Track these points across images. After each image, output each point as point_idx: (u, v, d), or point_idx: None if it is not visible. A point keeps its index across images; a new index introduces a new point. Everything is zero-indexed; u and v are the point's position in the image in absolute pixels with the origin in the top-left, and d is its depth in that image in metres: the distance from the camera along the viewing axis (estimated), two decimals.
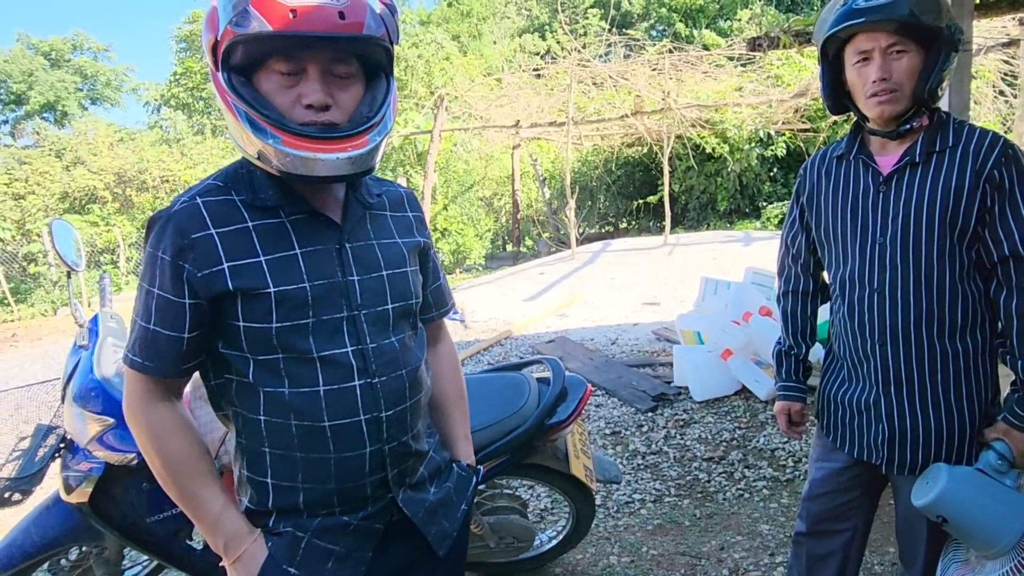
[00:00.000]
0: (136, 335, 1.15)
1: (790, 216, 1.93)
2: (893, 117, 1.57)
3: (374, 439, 1.19)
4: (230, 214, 1.12)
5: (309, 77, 1.07)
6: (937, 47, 1.51)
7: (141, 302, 1.14)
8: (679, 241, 9.69)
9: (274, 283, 1.11)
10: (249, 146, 1.08)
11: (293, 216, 1.15)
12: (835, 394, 1.82)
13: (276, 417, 1.16)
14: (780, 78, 10.68)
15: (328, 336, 1.15)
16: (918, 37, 1.51)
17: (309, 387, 1.14)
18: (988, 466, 1.60)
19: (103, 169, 16.17)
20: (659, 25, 26.89)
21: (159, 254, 1.10)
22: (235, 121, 1.07)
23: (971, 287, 1.61)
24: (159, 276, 1.11)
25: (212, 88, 1.12)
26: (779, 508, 3.03)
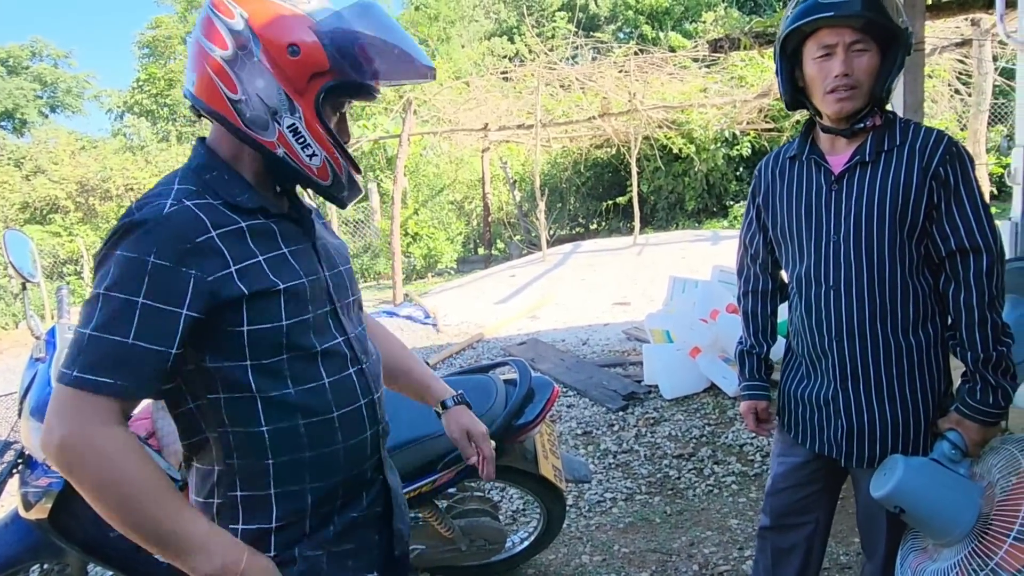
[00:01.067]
0: (100, 350, 1.00)
1: (747, 217, 1.96)
2: (849, 114, 1.61)
3: (371, 422, 1.26)
4: (220, 217, 1.09)
5: (343, 116, 1.22)
6: (895, 48, 1.55)
7: (110, 313, 1.00)
8: (648, 241, 9.78)
9: (280, 280, 1.12)
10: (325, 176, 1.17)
11: (272, 218, 1.17)
12: (794, 391, 1.86)
13: (282, 422, 1.14)
14: (744, 79, 10.85)
15: (323, 330, 1.19)
16: (879, 37, 1.55)
17: (315, 382, 1.16)
18: (942, 456, 1.64)
19: (65, 178, 15.83)
20: (626, 27, 27.11)
21: (148, 259, 1.00)
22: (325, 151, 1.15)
23: (921, 282, 1.65)
24: (147, 284, 1.00)
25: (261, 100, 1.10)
26: (747, 503, 3.08)
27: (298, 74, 1.08)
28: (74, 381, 0.99)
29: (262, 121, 1.10)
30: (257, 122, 1.10)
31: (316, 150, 1.13)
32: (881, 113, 1.64)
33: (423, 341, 6.68)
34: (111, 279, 1.00)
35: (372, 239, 13.32)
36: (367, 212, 13.77)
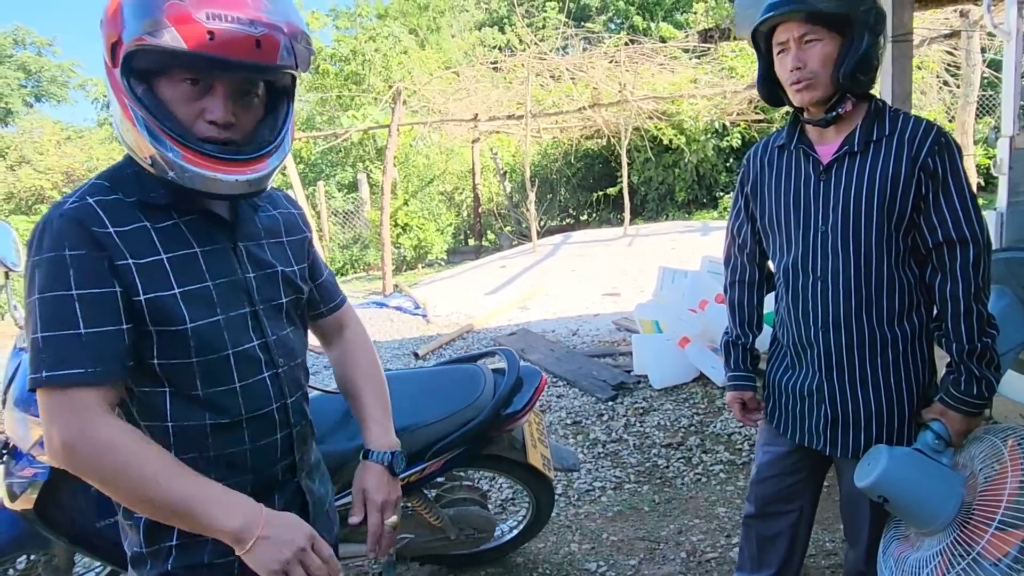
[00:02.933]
0: (58, 349, 1.01)
1: (735, 206, 1.97)
2: (815, 103, 1.62)
3: (283, 425, 1.25)
4: (125, 213, 1.08)
5: (216, 94, 1.07)
6: (851, 32, 1.55)
7: (52, 313, 1.01)
8: (639, 232, 9.79)
9: (179, 284, 1.10)
10: (142, 151, 1.07)
11: (186, 216, 1.14)
12: (779, 381, 1.87)
13: (188, 420, 1.14)
14: (734, 70, 10.86)
15: (238, 332, 1.17)
16: (830, 24, 1.56)
17: (225, 384, 1.15)
18: (926, 446, 1.66)
19: (50, 168, 15.68)
20: (617, 18, 27.02)
21: (65, 253, 1.02)
22: (131, 125, 1.04)
23: (907, 273, 1.66)
24: (74, 276, 1.02)
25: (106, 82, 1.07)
26: (735, 491, 3.10)
27: (105, 46, 1.05)
28: (45, 381, 1.01)
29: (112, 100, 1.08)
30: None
31: (126, 126, 1.05)
32: (858, 100, 1.64)
33: (413, 331, 6.67)
34: (40, 282, 1.03)
35: (362, 230, 13.27)
36: (357, 203, 13.71)
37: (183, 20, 0.98)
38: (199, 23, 0.98)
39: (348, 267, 12.07)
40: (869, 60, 1.57)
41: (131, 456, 1.02)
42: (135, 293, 1.06)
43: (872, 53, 1.57)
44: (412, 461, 2.14)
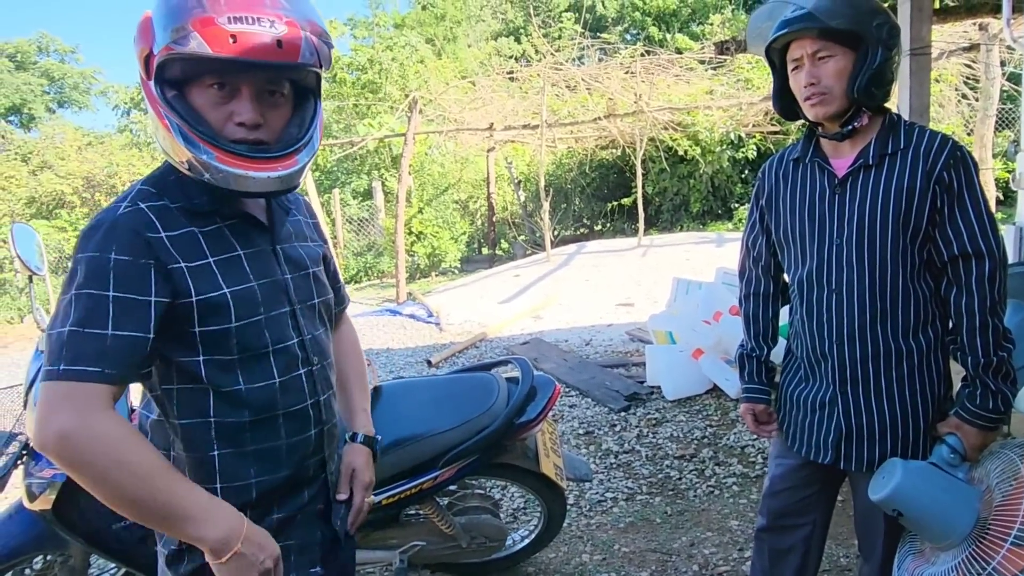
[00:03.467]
0: (82, 344, 1.04)
1: (750, 219, 1.97)
2: (829, 118, 1.63)
3: (316, 422, 1.30)
4: (173, 219, 1.14)
5: (243, 96, 1.12)
6: (864, 47, 1.56)
7: (84, 310, 1.04)
8: (653, 243, 9.78)
9: (227, 284, 1.15)
10: (179, 156, 1.11)
11: (228, 221, 1.20)
12: (792, 393, 1.86)
13: (229, 417, 1.18)
14: (750, 81, 10.84)
15: (278, 329, 1.22)
16: (843, 40, 1.57)
17: (265, 380, 1.20)
18: (941, 460, 1.65)
19: (71, 173, 15.89)
20: (633, 29, 27.09)
21: (111, 256, 1.07)
22: (167, 132, 1.09)
23: (922, 286, 1.66)
24: (113, 279, 1.06)
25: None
26: (748, 504, 3.08)
27: (139, 60, 1.10)
28: (62, 374, 1.03)
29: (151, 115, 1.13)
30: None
31: (162, 133, 1.10)
32: (873, 113, 1.64)
33: (426, 340, 6.69)
34: (80, 279, 1.06)
35: (376, 237, 13.33)
36: (372, 210, 13.79)
37: (206, 25, 1.02)
38: (221, 27, 1.03)
39: (362, 274, 12.13)
40: (883, 74, 1.58)
41: (127, 453, 1.04)
42: (187, 295, 1.11)
43: (886, 67, 1.58)
44: (425, 469, 2.15)
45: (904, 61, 2.81)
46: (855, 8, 1.56)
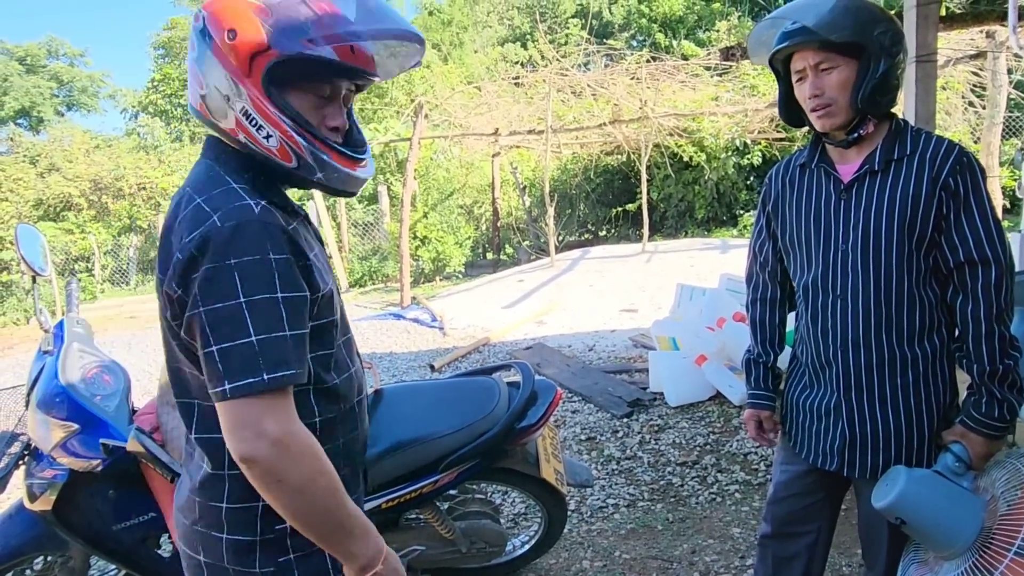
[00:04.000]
0: (274, 350, 1.02)
1: (757, 224, 1.96)
2: (835, 128, 1.63)
3: (364, 414, 1.35)
4: (283, 216, 1.13)
5: (335, 102, 1.18)
6: (867, 57, 1.55)
7: (265, 315, 1.02)
8: (657, 249, 9.76)
9: (322, 281, 1.16)
10: (287, 157, 1.13)
11: (299, 218, 1.21)
12: (797, 399, 1.85)
13: (328, 412, 1.20)
14: (756, 88, 10.83)
15: (343, 328, 1.27)
16: (845, 51, 1.56)
17: (347, 371, 1.25)
18: (946, 468, 1.63)
19: (78, 176, 15.97)
20: (639, 35, 27.13)
21: (269, 256, 1.04)
22: (279, 132, 1.11)
23: (928, 293, 1.64)
24: (278, 279, 1.05)
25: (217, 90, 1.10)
26: (750, 511, 3.06)
27: (239, 57, 1.08)
28: (268, 383, 1.01)
29: (221, 110, 1.11)
30: (218, 111, 1.12)
31: (270, 131, 1.10)
32: (879, 119, 1.63)
33: (429, 344, 6.69)
34: (246, 285, 1.02)
35: (381, 241, 13.35)
36: (376, 215, 13.82)
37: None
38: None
39: (367, 278, 12.14)
40: (887, 82, 1.57)
41: (324, 462, 1.06)
42: (316, 289, 1.13)
43: (890, 75, 1.57)
44: (425, 473, 2.14)
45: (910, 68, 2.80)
46: (855, 19, 1.55)
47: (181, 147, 19.59)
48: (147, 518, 2.13)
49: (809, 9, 1.61)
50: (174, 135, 22.29)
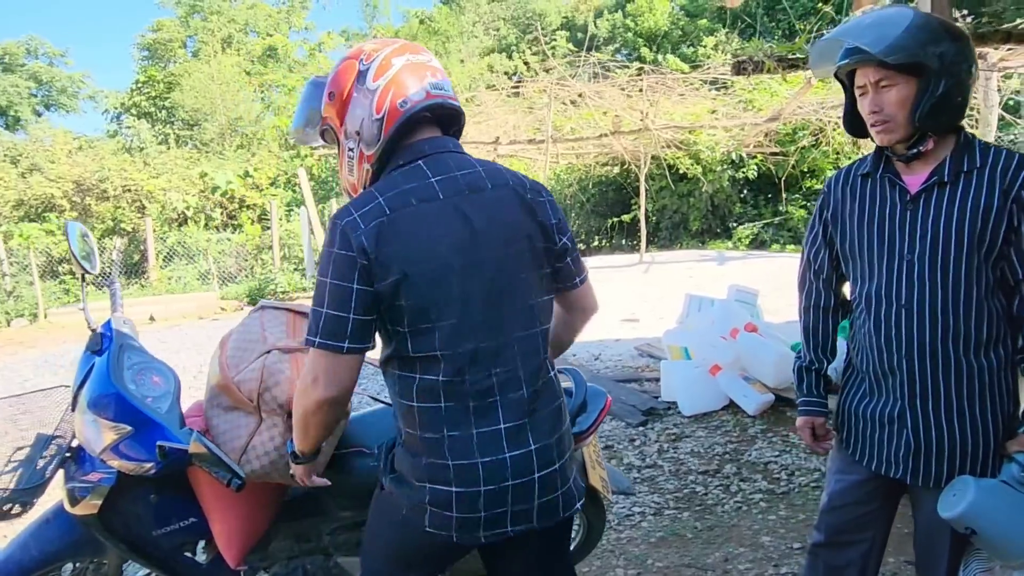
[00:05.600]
0: None
1: (811, 232, 1.97)
2: (895, 143, 1.65)
3: None
4: None
5: None
6: (926, 76, 1.57)
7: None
8: (654, 259, 9.83)
9: None
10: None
11: None
12: (856, 407, 1.85)
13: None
14: (751, 102, 10.98)
15: None
16: (905, 69, 1.57)
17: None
18: (1011, 478, 1.64)
19: (61, 177, 15.72)
20: (624, 49, 27.41)
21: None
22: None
23: (995, 304, 1.66)
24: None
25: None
26: (778, 520, 3.07)
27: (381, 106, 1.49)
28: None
29: None
30: None
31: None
32: (944, 134, 1.65)
33: None
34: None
35: None
36: None
37: None
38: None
39: None
40: (949, 100, 1.58)
41: None
42: None
43: (953, 93, 1.57)
44: None
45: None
46: (913, 40, 1.55)
47: (167, 150, 19.34)
48: (187, 523, 2.08)
49: (867, 30, 1.62)
50: (160, 137, 22.02)
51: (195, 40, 29.18)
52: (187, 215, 15.56)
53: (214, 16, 29.08)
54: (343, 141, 1.49)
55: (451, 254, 1.37)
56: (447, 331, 1.38)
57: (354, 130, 1.45)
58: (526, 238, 1.44)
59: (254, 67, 26.50)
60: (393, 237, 1.34)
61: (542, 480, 1.46)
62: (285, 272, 12.56)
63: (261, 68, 26.51)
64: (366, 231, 1.33)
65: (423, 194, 1.39)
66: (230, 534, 2.02)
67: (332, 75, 1.48)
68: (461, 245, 1.38)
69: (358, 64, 1.44)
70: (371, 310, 1.36)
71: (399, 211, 1.36)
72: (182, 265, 13.97)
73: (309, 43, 29.70)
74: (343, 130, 1.47)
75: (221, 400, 1.99)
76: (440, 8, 32.97)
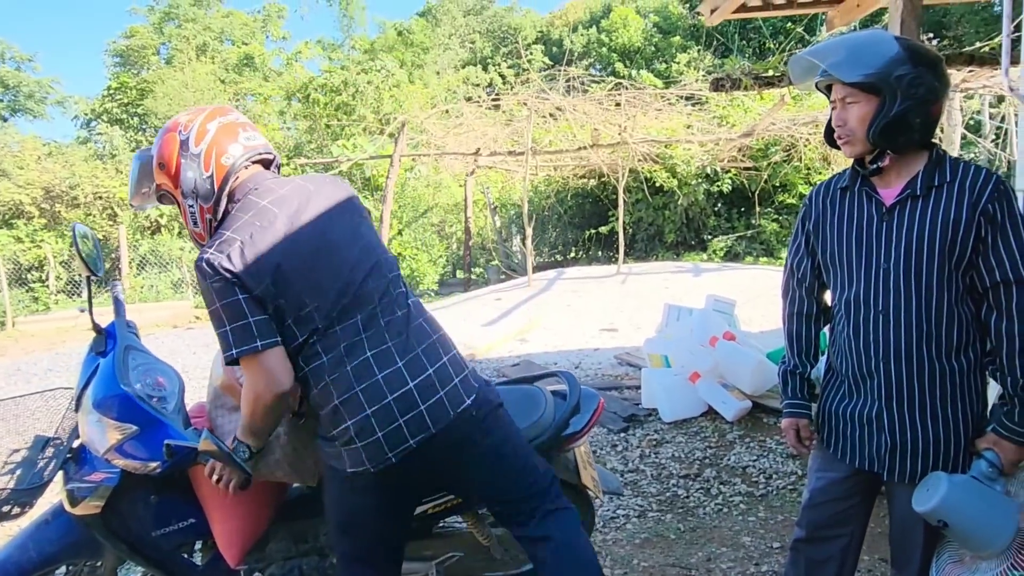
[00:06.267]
0: None
1: (795, 242, 2.08)
2: (855, 156, 1.80)
3: None
4: None
5: None
6: (883, 97, 1.69)
7: None
8: (631, 270, 9.97)
9: None
10: None
11: None
12: (836, 408, 1.95)
13: None
14: (726, 118, 11.24)
15: None
16: (867, 88, 1.70)
17: None
18: (980, 473, 1.74)
19: (30, 183, 15.44)
20: (598, 64, 27.78)
21: None
22: None
23: (965, 310, 1.77)
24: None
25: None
26: (757, 521, 3.18)
27: None
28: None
29: None
30: None
31: None
32: (901, 152, 1.76)
33: None
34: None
35: None
36: None
37: None
38: None
39: None
40: (904, 121, 1.69)
41: None
42: None
43: (909, 114, 1.68)
44: None
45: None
46: (872, 62, 1.68)
47: None
48: (186, 524, 2.10)
49: (835, 51, 1.75)
50: (132, 144, 21.74)
51: (168, 47, 28.92)
52: (160, 223, 15.37)
53: (189, 24, 28.87)
54: (182, 201, 1.75)
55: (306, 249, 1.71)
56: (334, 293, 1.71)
57: (190, 190, 1.72)
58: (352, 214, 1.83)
59: (229, 75, 26.34)
60: (251, 254, 1.62)
61: (419, 388, 1.70)
62: None
63: (236, 76, 26.36)
64: (226, 257, 1.61)
65: (261, 218, 1.68)
66: (230, 534, 2.05)
67: (157, 148, 1.75)
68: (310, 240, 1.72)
69: (178, 135, 1.72)
70: (258, 310, 1.63)
71: (249, 234, 1.65)
72: (155, 274, 13.79)
73: (285, 52, 29.61)
74: (179, 191, 1.74)
75: (225, 400, 2.03)
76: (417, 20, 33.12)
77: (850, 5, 4.63)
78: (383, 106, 17.75)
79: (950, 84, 1.82)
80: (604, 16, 29.07)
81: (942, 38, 11.12)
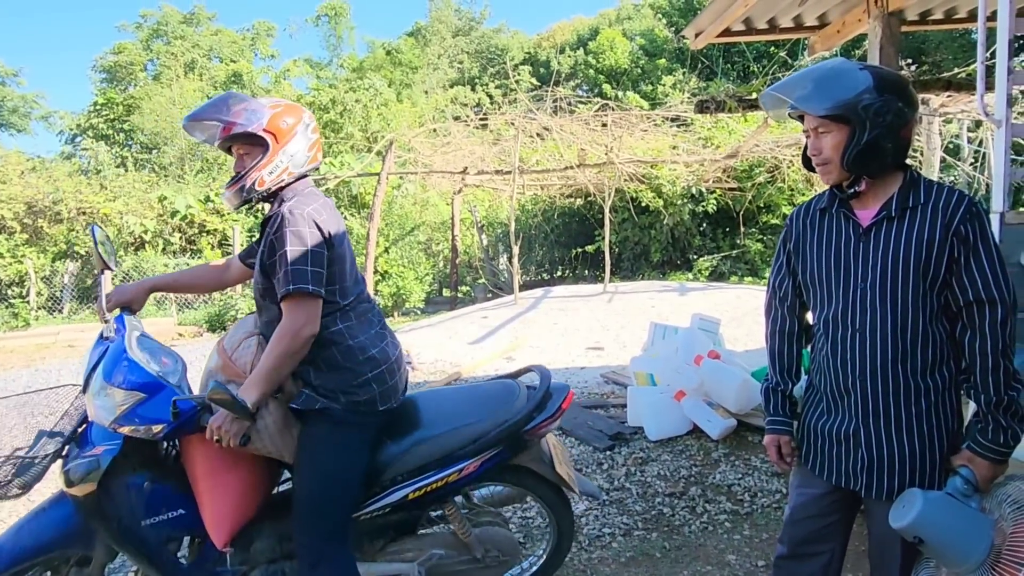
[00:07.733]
0: None
1: (776, 262, 2.13)
2: (834, 183, 1.86)
3: None
4: None
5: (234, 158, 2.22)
6: (852, 126, 1.75)
7: None
8: (617, 289, 10.02)
9: None
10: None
11: None
12: (815, 425, 1.99)
13: None
14: (711, 139, 11.41)
15: None
16: (837, 119, 1.76)
17: None
18: (955, 490, 1.78)
19: (12, 198, 15.29)
20: (585, 85, 28.11)
21: None
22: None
23: (939, 329, 1.82)
24: None
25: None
26: (742, 539, 3.19)
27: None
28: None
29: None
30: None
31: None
32: (878, 175, 1.82)
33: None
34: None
35: None
36: None
37: None
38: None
39: None
40: (876, 147, 1.75)
41: None
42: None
43: (880, 140, 1.74)
44: (452, 461, 2.27)
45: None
46: (838, 94, 1.74)
47: (125, 173, 19.01)
48: (176, 515, 2.17)
49: (798, 84, 1.82)
50: (118, 160, 21.65)
51: (156, 64, 28.92)
52: (144, 239, 15.27)
53: (177, 41, 28.91)
54: (278, 153, 2.12)
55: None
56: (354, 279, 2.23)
57: (292, 153, 2.14)
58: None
59: (217, 92, 26.33)
60: (335, 226, 2.14)
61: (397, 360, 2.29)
62: (246, 297, 12.39)
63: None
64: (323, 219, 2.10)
65: (328, 207, 2.19)
66: (220, 514, 2.13)
67: (287, 106, 2.19)
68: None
69: (304, 117, 2.20)
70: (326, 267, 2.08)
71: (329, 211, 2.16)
72: None
73: (274, 71, 29.71)
74: (281, 146, 2.12)
75: (219, 377, 2.16)
76: (406, 39, 33.39)
77: (831, 31, 4.75)
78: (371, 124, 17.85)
79: (918, 105, 1.87)
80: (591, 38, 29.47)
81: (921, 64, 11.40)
